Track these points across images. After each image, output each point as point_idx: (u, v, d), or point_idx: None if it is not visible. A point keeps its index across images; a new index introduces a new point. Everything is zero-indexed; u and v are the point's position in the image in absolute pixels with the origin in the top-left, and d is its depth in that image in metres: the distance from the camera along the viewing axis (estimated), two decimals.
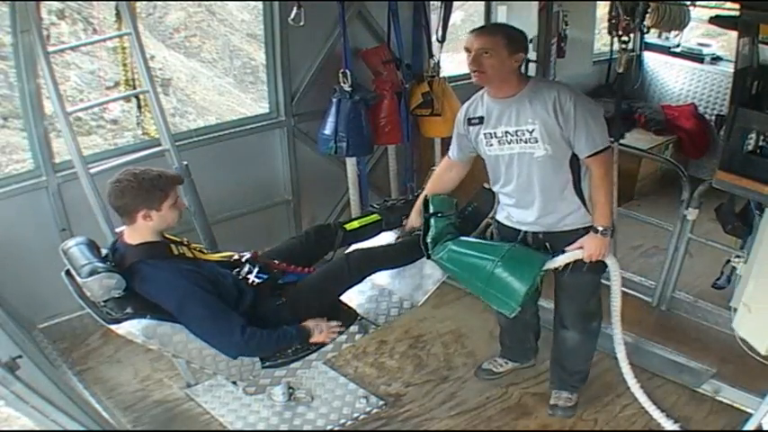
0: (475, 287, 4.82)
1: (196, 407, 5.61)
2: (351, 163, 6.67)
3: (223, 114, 11.04)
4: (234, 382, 4.78)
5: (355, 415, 5.44)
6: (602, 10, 8.17)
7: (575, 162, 4.58)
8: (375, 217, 5.35)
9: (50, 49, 5.24)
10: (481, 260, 4.74)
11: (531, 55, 6.65)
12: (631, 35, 7.17)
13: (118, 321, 4.16)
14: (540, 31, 6.45)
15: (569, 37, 6.97)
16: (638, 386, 4.96)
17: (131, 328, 4.13)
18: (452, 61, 7.63)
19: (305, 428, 5.35)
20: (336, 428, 5.38)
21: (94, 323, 5.86)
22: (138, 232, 4.22)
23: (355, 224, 5.28)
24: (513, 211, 4.92)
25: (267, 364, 4.56)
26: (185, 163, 5.66)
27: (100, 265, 4.18)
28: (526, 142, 4.53)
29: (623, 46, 6.57)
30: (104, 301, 4.19)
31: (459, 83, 7.40)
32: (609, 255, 4.78)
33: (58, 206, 5.82)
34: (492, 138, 4.67)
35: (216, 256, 4.72)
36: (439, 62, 6.95)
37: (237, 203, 6.62)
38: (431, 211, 5.09)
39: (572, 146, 4.50)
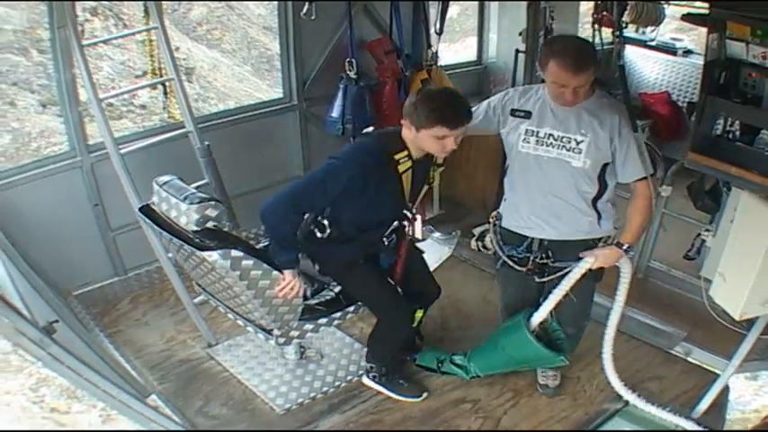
0: (522, 365, 5.02)
1: (216, 365, 5.60)
2: None
3: (241, 99, 11.06)
4: (268, 332, 4.74)
5: (360, 372, 5.40)
6: (585, 6, 8.28)
7: (602, 178, 4.34)
8: None
9: (85, 42, 5.19)
10: (500, 354, 4.89)
11: (521, 46, 6.78)
12: (610, 30, 7.55)
13: (210, 249, 4.16)
14: (528, 24, 6.43)
15: (555, 30, 6.88)
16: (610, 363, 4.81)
17: (220, 257, 4.13)
18: (448, 51, 7.54)
19: (315, 384, 5.34)
20: (343, 384, 5.37)
21: (124, 289, 6.14)
22: None
23: None
24: (526, 215, 4.56)
25: (302, 317, 4.70)
26: (207, 143, 5.67)
27: (204, 196, 4.27)
28: (568, 150, 4.23)
29: (616, 38, 7.14)
30: (196, 231, 4.24)
31: (454, 71, 7.54)
32: (625, 260, 4.51)
33: (90, 184, 5.78)
34: (532, 136, 4.31)
35: None
36: (436, 52, 6.91)
37: (254, 179, 6.54)
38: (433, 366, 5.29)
39: (619, 168, 4.28)
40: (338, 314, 4.88)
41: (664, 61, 8.22)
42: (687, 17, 6.40)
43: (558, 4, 7.12)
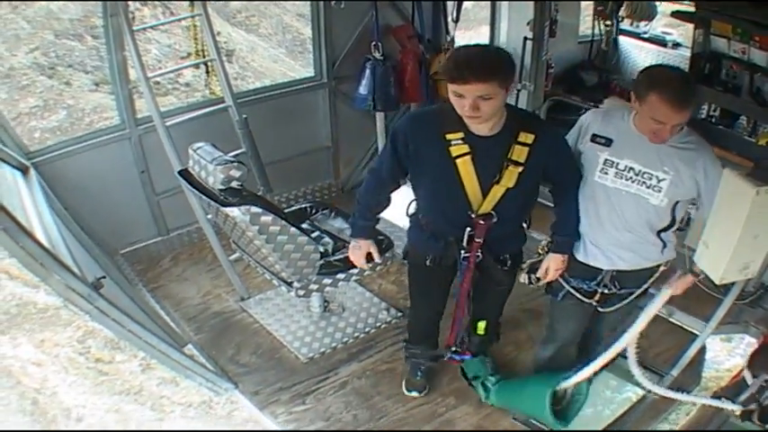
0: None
1: (248, 317, 5.64)
2: (380, 117, 6.68)
3: (276, 78, 11.02)
4: (289, 284, 4.78)
5: (378, 324, 5.46)
6: (586, 1, 8.29)
7: (673, 211, 3.72)
8: None
9: (135, 27, 5.28)
10: (516, 400, 4.65)
11: (529, 34, 6.69)
12: (608, 22, 7.95)
13: (232, 205, 4.27)
14: (535, 15, 6.38)
15: (559, 21, 6.90)
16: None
17: (240, 212, 4.25)
18: (464, 37, 7.55)
19: (336, 335, 5.37)
20: (362, 335, 5.42)
21: (167, 248, 6.18)
22: None
23: None
24: (598, 247, 3.92)
25: (321, 271, 4.77)
26: (245, 116, 5.69)
27: (229, 158, 4.35)
28: (648, 187, 3.61)
29: (607, 28, 7.61)
30: (222, 189, 4.30)
31: None
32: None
33: (138, 153, 5.80)
34: (611, 167, 3.67)
35: None
36: (453, 38, 6.91)
37: (286, 149, 6.56)
38: (469, 377, 4.79)
39: (707, 207, 3.52)
40: (356, 270, 4.86)
41: (655, 52, 8.19)
42: (676, 14, 7.11)
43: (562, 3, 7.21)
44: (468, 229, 3.82)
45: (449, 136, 3.57)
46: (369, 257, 4.24)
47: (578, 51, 8.08)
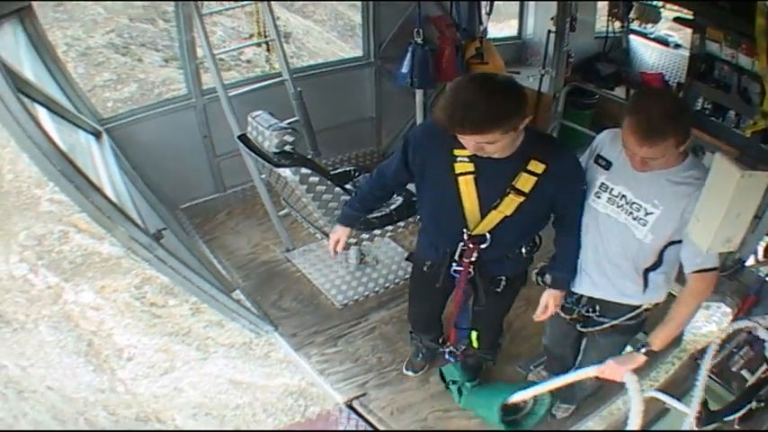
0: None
1: (291, 267, 5.76)
2: (418, 93, 6.70)
3: (328, 57, 11.14)
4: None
5: (407, 276, 5.46)
6: (602, 2, 8.41)
7: (662, 252, 3.23)
8: None
9: (204, 12, 5.36)
10: (477, 405, 4.42)
11: (552, 28, 6.96)
12: (621, 22, 8.16)
13: (284, 166, 4.39)
14: (558, 12, 6.54)
15: (578, 18, 7.03)
16: None
17: (292, 172, 4.38)
18: (495, 29, 7.68)
19: (369, 285, 5.48)
20: (392, 286, 5.53)
21: (223, 204, 6.26)
22: None
23: None
24: (579, 275, 3.56)
25: (359, 227, 4.72)
26: (299, 89, 5.75)
27: (284, 125, 4.44)
28: (635, 219, 3.15)
29: (622, 28, 7.94)
30: (276, 153, 4.42)
31: (499, 43, 7.58)
32: (629, 374, 3.39)
33: (201, 120, 5.91)
34: (605, 191, 3.25)
35: None
36: (486, 28, 6.97)
37: (335, 119, 6.65)
38: (447, 380, 4.57)
39: (681, 250, 3.13)
40: (390, 227, 4.95)
41: (659, 50, 8.34)
42: (677, 20, 7.39)
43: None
44: (462, 245, 3.48)
45: (456, 151, 3.18)
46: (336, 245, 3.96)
47: (594, 45, 8.19)
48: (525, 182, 3.17)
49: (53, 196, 8.06)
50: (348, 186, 5.03)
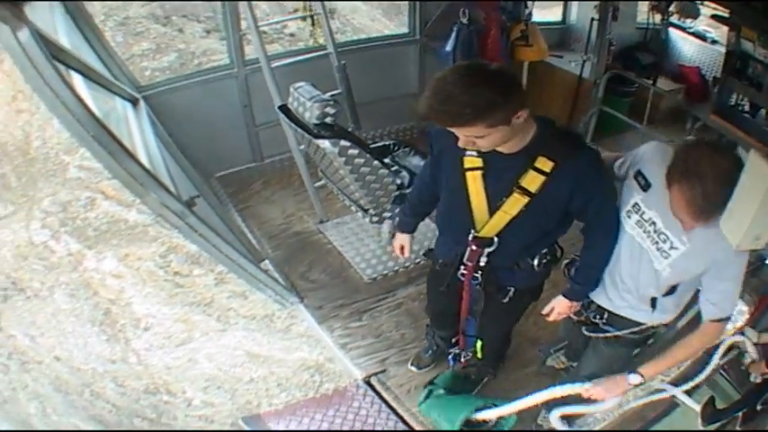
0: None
1: (323, 238, 5.71)
2: None
3: (372, 34, 10.99)
4: (366, 211, 4.82)
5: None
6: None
7: (677, 286, 3.07)
8: None
9: None
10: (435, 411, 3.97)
11: (595, 15, 6.94)
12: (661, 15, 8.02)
13: (324, 138, 4.34)
14: (601, 1, 6.66)
15: (621, 9, 7.05)
16: None
17: (331, 144, 4.31)
18: (540, 13, 7.63)
19: (399, 260, 5.25)
20: (422, 262, 5.37)
21: (259, 173, 6.23)
22: None
23: None
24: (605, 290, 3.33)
25: (395, 201, 4.76)
26: (343, 62, 5.71)
27: (326, 97, 4.39)
28: (658, 249, 2.94)
29: (662, 20, 7.87)
30: (317, 124, 4.37)
31: (544, 27, 7.48)
32: (614, 399, 3.30)
33: (243, 89, 5.90)
34: (636, 213, 2.99)
35: None
36: (531, 12, 6.95)
37: (377, 93, 6.58)
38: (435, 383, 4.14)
39: (701, 296, 2.97)
40: None
41: (697, 45, 8.33)
42: (714, 17, 7.47)
43: None
44: (469, 248, 3.25)
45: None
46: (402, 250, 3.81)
47: (635, 35, 8.15)
48: (532, 180, 2.89)
49: (83, 163, 8.10)
50: (387, 160, 4.98)
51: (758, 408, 3.50)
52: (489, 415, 3.73)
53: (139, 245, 7.24)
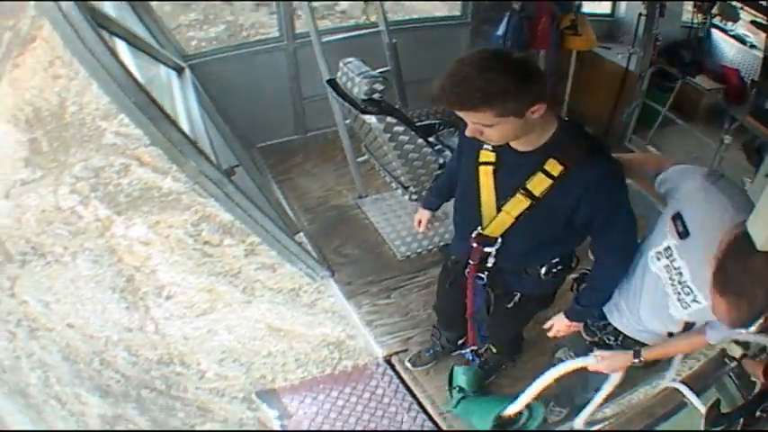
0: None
1: (360, 214, 5.66)
2: None
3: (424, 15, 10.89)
4: (406, 188, 4.75)
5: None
6: None
7: (689, 324, 2.87)
8: None
9: None
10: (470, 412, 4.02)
11: (643, 11, 6.87)
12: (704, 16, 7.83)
13: (371, 113, 4.33)
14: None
15: (667, 6, 6.91)
16: None
17: (377, 120, 4.30)
18: (590, 5, 7.60)
19: (434, 239, 5.14)
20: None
21: (301, 146, 6.24)
22: None
23: None
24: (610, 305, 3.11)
25: (435, 180, 4.60)
26: (394, 41, 5.71)
27: (375, 74, 4.38)
28: (678, 299, 2.65)
29: (704, 21, 7.67)
30: (364, 99, 4.36)
31: (592, 19, 7.42)
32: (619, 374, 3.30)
33: (291, 62, 5.90)
34: (667, 258, 2.65)
35: None
36: (581, 3, 6.98)
37: (426, 72, 6.32)
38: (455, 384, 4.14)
39: (708, 326, 2.76)
40: None
41: (737, 48, 8.22)
42: (753, 23, 7.56)
43: None
44: (473, 245, 3.10)
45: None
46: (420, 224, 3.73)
47: (679, 33, 8.02)
48: (538, 183, 2.67)
49: (119, 129, 8.02)
50: (431, 139, 4.97)
51: (757, 415, 3.43)
52: (515, 408, 3.72)
53: (171, 213, 7.13)
